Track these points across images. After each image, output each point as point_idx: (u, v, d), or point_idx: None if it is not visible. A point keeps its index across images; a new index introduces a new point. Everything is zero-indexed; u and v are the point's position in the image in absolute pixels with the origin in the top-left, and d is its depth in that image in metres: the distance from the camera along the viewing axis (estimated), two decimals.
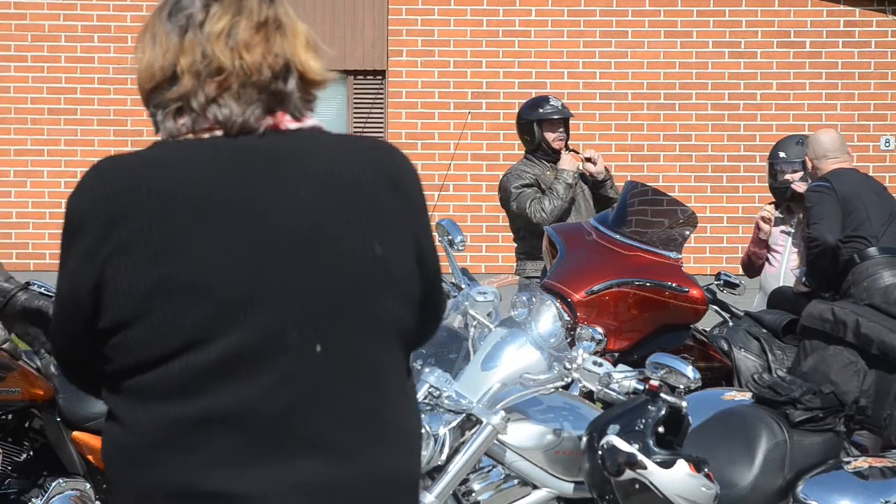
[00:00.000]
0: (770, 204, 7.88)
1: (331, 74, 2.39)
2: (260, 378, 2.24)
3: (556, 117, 8.12)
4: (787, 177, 7.61)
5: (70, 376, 2.47)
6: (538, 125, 8.13)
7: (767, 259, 7.78)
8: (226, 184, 2.28)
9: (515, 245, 8.27)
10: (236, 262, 2.25)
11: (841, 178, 7.12)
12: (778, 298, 7.18)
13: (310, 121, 2.38)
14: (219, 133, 2.31)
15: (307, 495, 2.24)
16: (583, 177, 8.12)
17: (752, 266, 7.86)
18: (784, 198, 7.66)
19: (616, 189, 8.01)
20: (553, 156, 8.08)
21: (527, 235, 8.05)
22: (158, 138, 2.35)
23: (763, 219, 7.72)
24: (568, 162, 8.02)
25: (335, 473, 2.26)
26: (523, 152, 8.31)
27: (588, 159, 8.11)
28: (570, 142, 8.24)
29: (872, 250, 6.93)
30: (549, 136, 8.10)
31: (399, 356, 2.38)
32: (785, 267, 7.66)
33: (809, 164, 7.34)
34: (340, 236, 2.30)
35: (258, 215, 2.27)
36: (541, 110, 8.17)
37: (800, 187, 7.47)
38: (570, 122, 8.34)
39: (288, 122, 2.35)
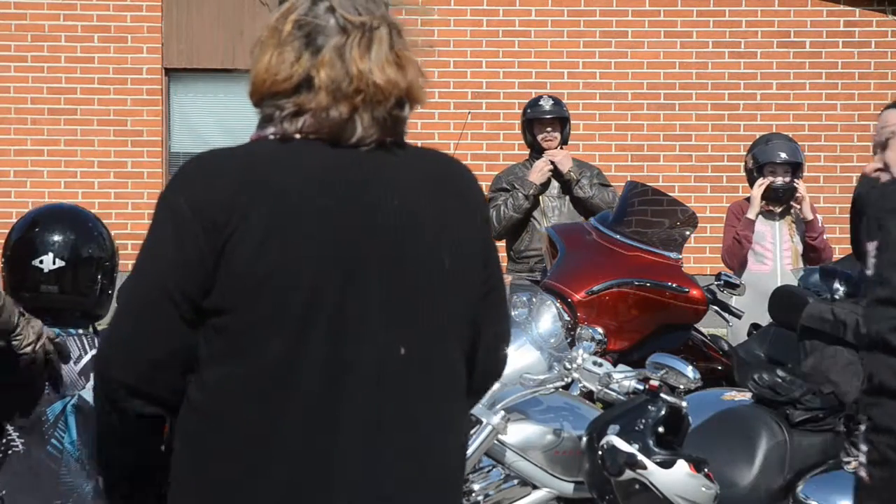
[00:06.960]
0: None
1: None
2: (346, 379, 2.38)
3: (544, 117, 7.98)
4: (783, 179, 7.53)
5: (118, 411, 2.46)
6: (529, 125, 8.06)
7: (752, 256, 7.64)
8: (329, 187, 2.39)
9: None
10: (331, 258, 2.37)
11: None
12: (782, 299, 6.97)
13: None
14: (325, 140, 2.42)
15: None
16: (560, 179, 7.98)
17: (738, 252, 7.64)
18: (781, 200, 7.59)
19: (585, 188, 7.86)
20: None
21: (505, 235, 8.01)
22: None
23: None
24: (536, 172, 7.87)
25: None
26: (524, 152, 8.28)
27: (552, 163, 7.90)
28: (570, 142, 8.17)
29: None
30: (539, 136, 8.00)
31: (461, 365, 2.51)
32: (780, 266, 7.58)
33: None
34: (418, 246, 2.44)
35: (354, 217, 2.40)
36: (529, 111, 8.07)
37: (802, 192, 7.39)
38: (571, 122, 8.25)
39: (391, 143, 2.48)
